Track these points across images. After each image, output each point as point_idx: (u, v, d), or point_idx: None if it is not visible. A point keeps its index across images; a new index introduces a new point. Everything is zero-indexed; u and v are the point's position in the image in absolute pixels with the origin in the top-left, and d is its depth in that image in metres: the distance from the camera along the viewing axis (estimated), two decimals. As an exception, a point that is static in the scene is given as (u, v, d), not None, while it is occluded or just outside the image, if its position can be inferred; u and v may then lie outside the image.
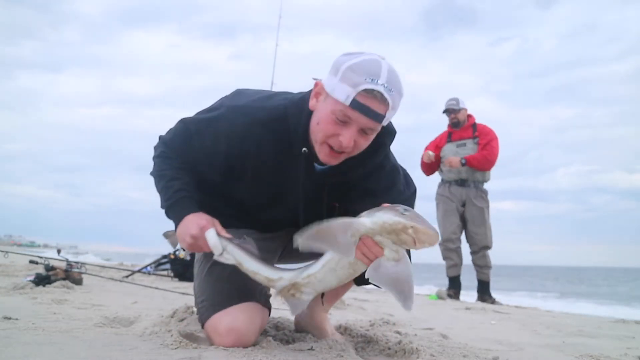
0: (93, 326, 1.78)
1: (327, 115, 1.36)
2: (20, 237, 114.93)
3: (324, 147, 1.41)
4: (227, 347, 1.48)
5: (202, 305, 1.59)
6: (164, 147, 1.59)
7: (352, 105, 1.32)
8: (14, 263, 5.13)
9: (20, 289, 2.82)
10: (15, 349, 1.35)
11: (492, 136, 5.05)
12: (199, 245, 1.48)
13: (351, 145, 1.37)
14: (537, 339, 2.32)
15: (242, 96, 1.56)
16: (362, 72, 1.31)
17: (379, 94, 1.31)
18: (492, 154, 4.96)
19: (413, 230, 1.26)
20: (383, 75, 1.32)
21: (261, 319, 1.59)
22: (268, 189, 1.57)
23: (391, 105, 1.34)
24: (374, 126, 1.37)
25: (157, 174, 1.58)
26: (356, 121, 1.34)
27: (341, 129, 1.35)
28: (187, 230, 1.48)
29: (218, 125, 1.50)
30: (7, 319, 1.79)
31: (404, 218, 1.26)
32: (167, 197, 1.53)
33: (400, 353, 1.60)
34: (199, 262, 1.69)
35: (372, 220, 1.30)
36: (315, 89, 1.43)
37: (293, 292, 1.46)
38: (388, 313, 3.03)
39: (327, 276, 1.41)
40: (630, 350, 2.04)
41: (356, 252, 1.33)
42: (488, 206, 5.04)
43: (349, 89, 1.31)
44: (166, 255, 5.42)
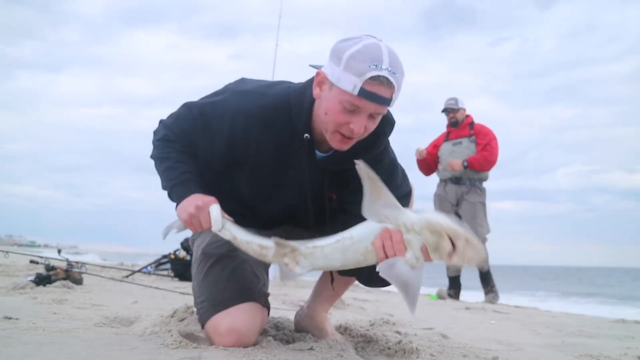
0: (93, 326, 1.78)
1: (335, 105, 1.37)
2: (20, 237, 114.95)
3: (335, 135, 1.41)
4: (228, 347, 1.48)
5: (202, 306, 1.59)
6: (166, 130, 1.58)
7: (360, 95, 1.32)
8: (14, 263, 5.13)
9: (21, 289, 2.82)
10: (16, 348, 1.36)
11: (491, 136, 5.05)
12: (199, 218, 1.46)
13: (362, 132, 1.39)
14: (537, 339, 2.32)
15: (246, 83, 1.58)
16: (365, 59, 1.31)
17: (385, 79, 1.31)
18: (492, 154, 4.98)
19: (467, 243, 1.26)
20: (385, 58, 1.32)
21: (261, 319, 1.59)
22: (269, 178, 1.57)
23: (396, 87, 1.35)
24: (383, 110, 1.39)
25: (160, 157, 1.57)
26: (365, 108, 1.35)
27: (351, 117, 1.36)
28: (193, 201, 1.47)
29: (222, 109, 1.51)
30: (7, 318, 1.79)
31: (461, 227, 1.27)
32: (172, 177, 1.52)
33: (400, 353, 1.60)
34: (197, 262, 1.68)
35: (420, 216, 1.29)
36: (317, 78, 1.43)
37: (288, 260, 1.40)
38: (388, 313, 3.03)
39: (334, 253, 1.36)
40: (630, 350, 2.04)
41: (376, 240, 1.32)
42: (483, 202, 5.03)
43: (354, 78, 1.31)
44: (166, 255, 5.42)
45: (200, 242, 1.69)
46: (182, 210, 1.49)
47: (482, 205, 5.04)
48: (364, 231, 1.35)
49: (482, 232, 4.96)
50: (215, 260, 1.62)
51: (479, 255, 1.29)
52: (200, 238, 1.71)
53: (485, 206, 5.06)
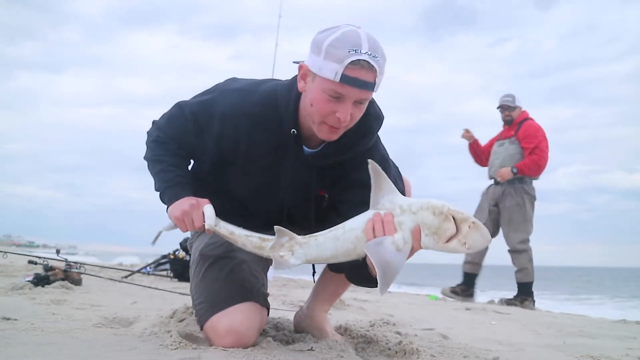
0: (92, 327, 1.78)
1: (319, 95, 1.38)
2: (19, 237, 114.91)
3: (322, 126, 1.42)
4: (227, 347, 1.47)
5: (201, 307, 1.58)
6: (159, 131, 1.60)
7: (342, 81, 1.33)
8: (12, 263, 5.12)
9: (19, 290, 2.81)
10: (15, 349, 1.35)
11: (540, 137, 4.72)
12: (191, 216, 1.48)
13: (348, 119, 1.39)
14: (538, 340, 2.32)
15: (235, 81, 1.60)
16: (344, 46, 1.32)
17: (365, 63, 1.32)
18: (542, 157, 4.68)
19: (473, 226, 1.27)
20: (364, 43, 1.33)
21: (260, 319, 1.58)
22: (259, 176, 1.57)
23: (378, 70, 1.36)
24: (367, 95, 1.39)
25: (153, 159, 1.59)
26: (349, 95, 1.35)
27: (336, 106, 1.37)
28: (186, 200, 1.50)
29: (212, 107, 1.52)
30: (6, 319, 1.78)
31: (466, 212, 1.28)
32: (166, 179, 1.55)
33: (400, 353, 1.60)
34: (195, 264, 1.68)
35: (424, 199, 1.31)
36: (300, 71, 1.44)
37: (284, 252, 1.42)
38: (388, 313, 3.03)
39: (327, 242, 1.38)
40: (631, 350, 2.03)
41: (367, 224, 1.34)
42: (520, 203, 4.70)
43: (335, 65, 1.32)
44: (165, 256, 5.41)
45: (198, 244, 1.70)
46: (175, 208, 1.51)
47: (519, 208, 4.72)
48: (356, 221, 1.37)
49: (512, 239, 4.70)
50: (213, 261, 1.61)
51: (483, 241, 1.28)
52: (198, 240, 1.71)
53: (522, 208, 4.71)
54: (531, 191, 4.79)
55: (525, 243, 4.70)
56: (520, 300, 4.61)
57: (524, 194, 4.74)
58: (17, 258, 4.31)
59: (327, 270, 1.84)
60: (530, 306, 4.58)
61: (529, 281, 4.67)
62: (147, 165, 1.62)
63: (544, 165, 4.72)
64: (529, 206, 4.75)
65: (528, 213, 4.74)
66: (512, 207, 4.73)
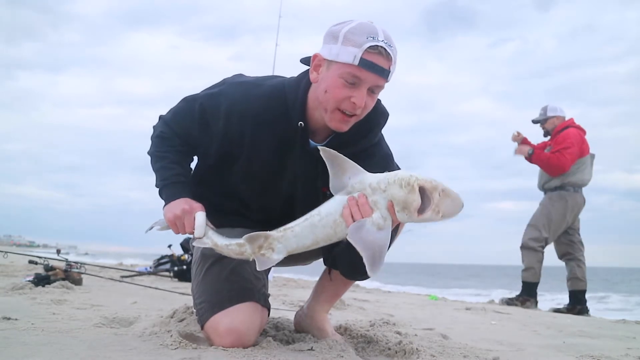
0: (92, 326, 1.77)
1: (335, 80, 1.40)
2: (19, 237, 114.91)
3: (335, 113, 1.43)
4: (227, 347, 1.48)
5: (201, 307, 1.58)
6: (164, 126, 1.61)
7: (361, 64, 1.36)
8: (13, 263, 5.12)
9: (20, 289, 2.82)
10: (15, 349, 1.35)
11: (569, 143, 4.57)
12: (183, 221, 1.49)
13: (362, 106, 1.41)
14: (538, 340, 2.32)
15: (242, 76, 1.62)
16: (362, 33, 1.37)
17: (383, 50, 1.36)
18: (560, 160, 4.53)
19: (444, 193, 1.25)
20: (380, 33, 1.38)
21: (260, 319, 1.59)
22: (264, 169, 1.58)
23: (393, 59, 1.39)
24: (382, 83, 1.41)
25: (156, 155, 1.61)
26: (366, 80, 1.38)
27: (352, 91, 1.39)
28: (181, 204, 1.51)
29: (219, 99, 1.54)
30: (6, 319, 1.78)
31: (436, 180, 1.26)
32: (165, 177, 1.57)
33: (400, 353, 1.60)
34: (196, 264, 1.69)
35: (386, 174, 1.30)
36: (314, 61, 1.46)
37: (264, 251, 1.41)
38: (388, 313, 3.03)
39: (304, 231, 1.37)
40: (631, 350, 2.03)
41: (344, 210, 1.33)
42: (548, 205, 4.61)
43: (354, 49, 1.35)
44: (166, 255, 5.42)
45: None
46: (169, 210, 1.52)
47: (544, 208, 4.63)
48: (331, 205, 1.37)
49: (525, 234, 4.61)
50: (214, 261, 1.61)
51: (454, 207, 1.26)
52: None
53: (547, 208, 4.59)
54: (573, 199, 4.60)
55: (539, 242, 4.58)
56: (521, 301, 4.54)
57: (558, 199, 4.61)
58: (17, 258, 4.31)
59: (327, 271, 1.84)
60: (532, 307, 4.51)
61: (534, 282, 4.60)
62: (150, 160, 1.63)
63: (558, 165, 4.55)
64: (557, 211, 4.59)
65: (553, 216, 4.59)
66: (542, 205, 4.68)
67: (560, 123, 4.79)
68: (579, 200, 4.65)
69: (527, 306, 4.47)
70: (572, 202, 4.61)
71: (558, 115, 4.83)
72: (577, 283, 4.58)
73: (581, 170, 4.67)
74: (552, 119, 4.81)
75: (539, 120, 4.88)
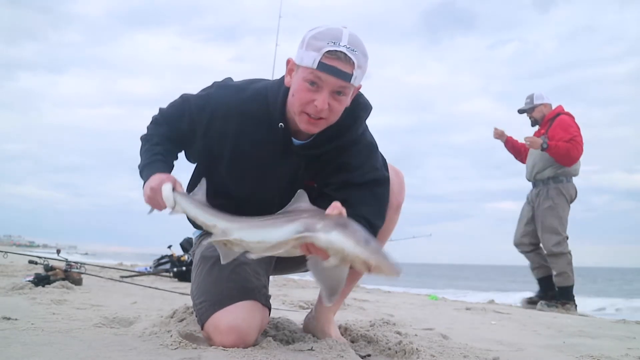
0: (92, 326, 1.77)
1: (300, 84, 1.45)
2: (19, 237, 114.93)
3: (302, 116, 1.48)
4: (228, 346, 1.47)
5: (202, 306, 1.58)
6: (159, 114, 1.71)
7: (319, 68, 1.40)
8: (13, 263, 5.12)
9: (20, 289, 2.82)
10: (15, 349, 1.35)
11: (575, 131, 4.51)
12: (156, 199, 1.52)
13: (326, 108, 1.44)
14: (538, 340, 2.32)
15: (230, 80, 1.69)
16: (324, 38, 1.41)
17: (342, 54, 1.39)
18: (576, 149, 4.44)
19: (375, 266, 1.22)
20: (344, 38, 1.41)
21: (261, 318, 1.58)
22: (249, 169, 1.62)
23: (356, 64, 1.42)
24: (344, 85, 1.43)
25: (144, 138, 1.69)
26: (326, 83, 1.42)
27: (314, 95, 1.44)
28: (150, 183, 1.54)
29: (207, 101, 1.62)
30: (6, 319, 1.78)
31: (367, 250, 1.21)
32: (145, 158, 1.63)
33: (400, 353, 1.60)
34: (196, 267, 1.70)
35: (329, 240, 1.25)
36: (288, 66, 1.52)
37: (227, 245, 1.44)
38: (388, 313, 3.03)
39: (260, 250, 1.36)
40: (631, 350, 2.03)
41: (302, 247, 1.31)
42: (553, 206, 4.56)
43: (314, 53, 1.40)
44: (166, 256, 5.42)
45: (200, 249, 1.73)
46: (144, 192, 1.57)
47: (551, 210, 4.56)
48: (281, 236, 1.32)
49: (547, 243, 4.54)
50: (215, 262, 1.62)
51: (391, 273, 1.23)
52: (200, 246, 1.74)
53: (555, 210, 4.54)
54: (567, 191, 4.60)
55: (562, 245, 4.53)
56: (562, 304, 4.49)
57: (557, 195, 4.58)
58: (17, 258, 4.31)
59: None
60: (573, 310, 4.45)
61: (569, 285, 4.54)
62: (140, 145, 1.70)
63: (576, 156, 4.48)
64: (563, 207, 4.58)
65: (561, 214, 4.57)
66: (545, 209, 4.59)
67: (550, 111, 4.74)
68: (572, 193, 4.67)
69: (567, 309, 4.43)
70: (569, 195, 4.64)
71: (545, 102, 4.76)
72: (566, 279, 4.55)
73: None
74: (539, 107, 4.75)
75: (526, 110, 4.82)
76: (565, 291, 4.55)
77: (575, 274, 4.59)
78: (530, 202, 4.80)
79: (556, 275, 4.57)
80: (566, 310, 4.40)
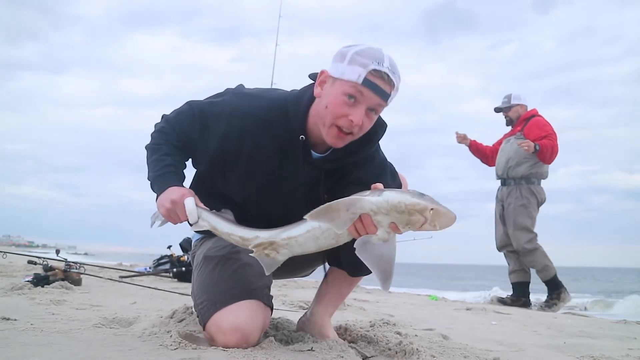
0: (92, 327, 1.77)
1: (337, 97, 1.44)
2: (18, 237, 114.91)
3: (332, 129, 1.47)
4: (231, 346, 1.47)
5: (203, 305, 1.57)
6: (165, 123, 1.64)
7: (364, 83, 1.42)
8: (12, 263, 5.12)
9: (19, 290, 2.81)
10: (14, 349, 1.35)
11: (550, 130, 4.62)
12: (175, 211, 1.51)
13: (360, 124, 1.45)
14: (538, 340, 2.32)
15: (244, 88, 1.66)
16: (369, 56, 1.43)
17: (386, 75, 1.43)
18: (554, 145, 4.56)
19: (434, 212, 1.31)
20: (386, 60, 1.44)
21: (264, 318, 1.58)
22: (262, 179, 1.60)
23: (395, 86, 1.46)
24: (382, 104, 1.46)
25: (152, 147, 1.63)
26: (366, 99, 1.43)
27: (350, 109, 1.44)
28: (168, 195, 1.52)
29: (220, 109, 1.57)
30: (5, 319, 1.78)
31: (423, 200, 1.31)
32: (156, 169, 1.58)
33: (400, 354, 1.59)
34: (198, 268, 1.68)
35: (383, 199, 1.34)
36: (320, 77, 1.51)
37: (268, 251, 1.46)
38: (388, 313, 3.02)
39: (307, 242, 1.43)
40: (632, 351, 2.03)
41: (350, 228, 1.38)
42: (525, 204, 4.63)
43: (360, 69, 1.42)
44: (166, 256, 5.41)
45: (202, 250, 1.71)
46: (160, 205, 1.54)
47: (524, 208, 4.64)
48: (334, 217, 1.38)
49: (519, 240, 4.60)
50: (217, 262, 1.61)
51: (448, 219, 1.35)
52: (202, 247, 1.72)
53: (527, 209, 4.64)
54: (538, 193, 4.69)
55: (533, 242, 4.61)
56: (557, 295, 4.54)
57: (529, 195, 4.66)
58: (16, 258, 4.31)
59: (330, 272, 1.84)
60: (568, 297, 4.56)
61: (554, 274, 4.59)
62: (146, 154, 1.64)
63: (556, 151, 4.61)
64: (534, 207, 4.67)
65: (533, 214, 4.66)
66: (517, 208, 4.65)
67: (525, 112, 4.82)
68: (543, 195, 4.73)
69: (563, 298, 4.50)
70: (540, 198, 4.70)
71: (522, 103, 4.85)
72: (548, 271, 4.59)
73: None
74: (515, 107, 4.83)
75: (502, 109, 4.88)
76: (553, 282, 4.59)
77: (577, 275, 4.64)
78: (500, 201, 4.84)
79: (539, 272, 4.62)
80: (562, 300, 4.46)
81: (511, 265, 4.80)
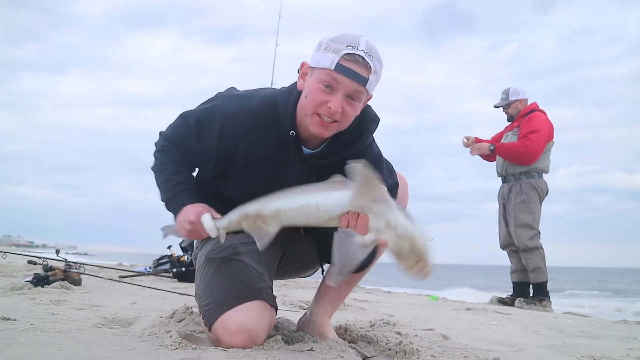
0: (92, 327, 1.77)
1: (314, 85, 1.45)
2: (18, 238, 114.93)
3: (314, 118, 1.47)
4: (238, 347, 1.47)
5: (209, 307, 1.56)
6: (164, 141, 1.66)
7: (337, 69, 1.41)
8: (12, 263, 5.12)
9: (19, 290, 2.81)
10: (14, 349, 1.34)
11: (535, 126, 4.49)
12: (197, 230, 1.53)
13: (339, 111, 1.44)
14: (538, 340, 2.31)
15: (235, 90, 1.67)
16: (342, 42, 1.42)
17: (360, 58, 1.41)
18: (528, 146, 4.44)
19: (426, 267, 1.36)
20: (362, 44, 1.42)
21: (270, 318, 1.58)
22: (260, 178, 1.60)
23: (373, 69, 1.43)
24: (359, 89, 1.44)
25: (158, 168, 1.64)
26: (342, 85, 1.42)
27: (328, 96, 1.43)
28: (186, 217, 1.54)
29: (212, 113, 1.58)
30: (5, 319, 1.78)
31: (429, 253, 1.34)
32: (168, 189, 1.60)
33: (400, 354, 1.59)
34: (201, 269, 1.68)
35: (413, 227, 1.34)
36: (302, 69, 1.52)
37: (259, 222, 1.44)
38: (388, 313, 3.02)
39: (298, 216, 1.40)
40: (632, 351, 2.03)
41: (342, 219, 1.35)
42: (526, 200, 4.53)
43: (332, 55, 1.41)
44: (165, 256, 5.41)
45: (203, 252, 1.71)
46: (180, 227, 1.56)
47: (524, 205, 4.54)
48: (331, 203, 1.37)
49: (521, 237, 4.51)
50: (220, 263, 1.61)
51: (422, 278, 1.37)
52: (203, 249, 1.73)
53: (528, 205, 4.53)
54: (539, 186, 4.59)
55: (536, 240, 4.54)
56: (538, 300, 4.48)
57: (530, 190, 4.57)
58: (16, 258, 4.31)
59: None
60: (549, 307, 4.46)
61: (544, 281, 4.54)
62: (154, 176, 1.66)
63: (529, 154, 4.48)
64: (535, 203, 4.57)
65: (534, 209, 4.56)
66: (518, 204, 4.57)
67: (525, 107, 4.73)
68: (544, 189, 4.64)
69: (544, 305, 4.43)
70: (541, 191, 4.62)
71: (521, 98, 4.75)
72: (540, 274, 4.53)
73: (546, 156, 4.63)
74: (515, 103, 4.74)
75: (501, 105, 4.81)
76: (540, 287, 4.54)
77: (576, 274, 4.61)
78: (502, 198, 4.80)
79: (531, 272, 4.57)
80: (543, 307, 4.41)
81: (513, 265, 4.78)
